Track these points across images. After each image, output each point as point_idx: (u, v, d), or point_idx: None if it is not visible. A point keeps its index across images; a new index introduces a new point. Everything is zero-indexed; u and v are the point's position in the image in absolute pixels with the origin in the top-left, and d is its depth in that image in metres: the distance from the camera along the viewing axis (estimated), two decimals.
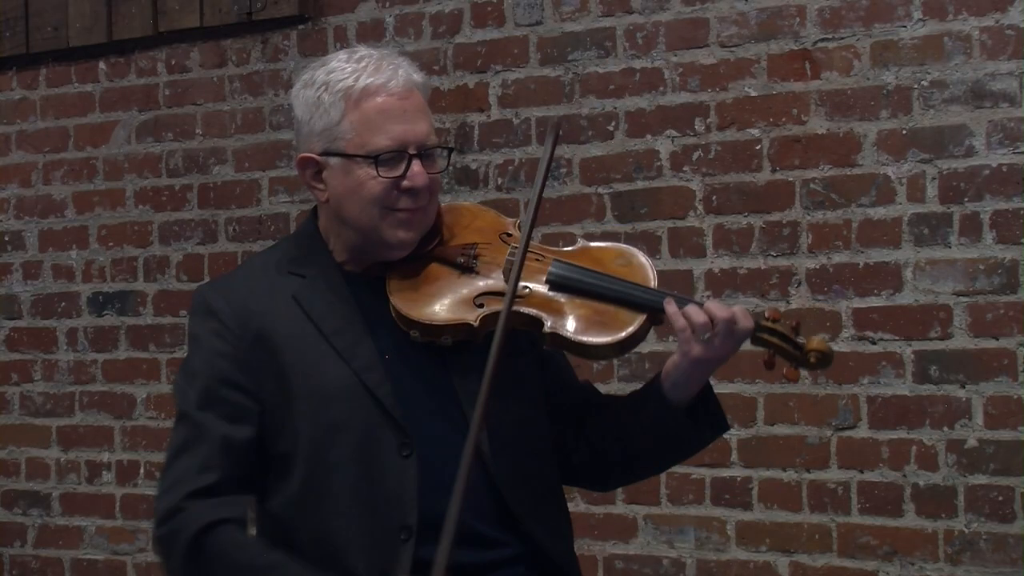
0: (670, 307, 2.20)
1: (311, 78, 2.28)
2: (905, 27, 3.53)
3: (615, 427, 2.34)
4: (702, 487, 3.73)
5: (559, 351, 2.28)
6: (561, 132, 2.53)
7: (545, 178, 2.21)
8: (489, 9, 4.05)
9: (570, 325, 2.20)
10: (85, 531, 4.68)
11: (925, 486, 3.49)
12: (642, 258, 2.31)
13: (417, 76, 2.28)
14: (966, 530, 3.45)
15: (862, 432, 3.55)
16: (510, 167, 3.99)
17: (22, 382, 4.80)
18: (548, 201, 3.89)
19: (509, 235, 2.31)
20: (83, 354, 4.69)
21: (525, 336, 2.23)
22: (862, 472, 3.56)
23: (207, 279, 4.45)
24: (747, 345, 2.27)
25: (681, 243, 3.77)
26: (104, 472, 4.64)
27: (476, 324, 2.20)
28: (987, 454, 3.42)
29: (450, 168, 2.29)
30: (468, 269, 2.26)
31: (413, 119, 2.24)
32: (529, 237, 2.19)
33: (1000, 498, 3.41)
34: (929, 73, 3.50)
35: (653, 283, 2.26)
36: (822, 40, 3.62)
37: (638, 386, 2.38)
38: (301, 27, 4.33)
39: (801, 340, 2.25)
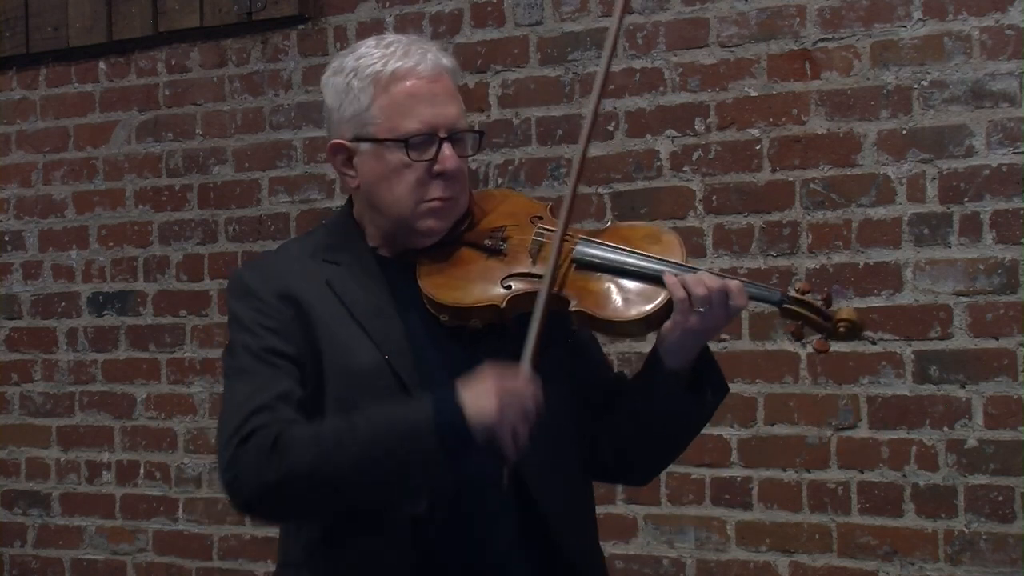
0: (668, 277, 2.19)
1: (340, 65, 2.27)
2: (905, 27, 3.53)
3: (626, 404, 2.34)
4: (702, 487, 3.73)
5: (588, 331, 2.28)
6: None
7: (580, 172, 2.26)
8: (489, 9, 4.05)
9: (596, 303, 2.20)
10: (85, 531, 4.68)
11: (925, 486, 3.49)
12: (671, 235, 2.30)
13: (446, 60, 2.27)
14: (966, 530, 3.45)
15: (862, 432, 3.55)
16: (510, 167, 3.99)
17: (22, 382, 4.80)
18: (547, 201, 3.89)
19: (540, 218, 2.31)
20: (83, 354, 4.69)
21: (558, 325, 2.22)
22: (862, 472, 3.56)
23: (207, 279, 4.46)
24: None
25: None
26: (104, 472, 4.64)
27: (503, 306, 2.20)
28: (987, 454, 3.43)
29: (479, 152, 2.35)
30: (496, 252, 2.26)
31: (443, 102, 2.23)
32: (566, 222, 2.20)
33: (1000, 498, 3.42)
34: (929, 73, 3.50)
35: (680, 258, 2.24)
36: (822, 40, 3.62)
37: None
38: (301, 27, 4.34)
39: (831, 310, 2.24)
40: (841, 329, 2.24)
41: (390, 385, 2.19)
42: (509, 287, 2.22)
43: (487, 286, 2.22)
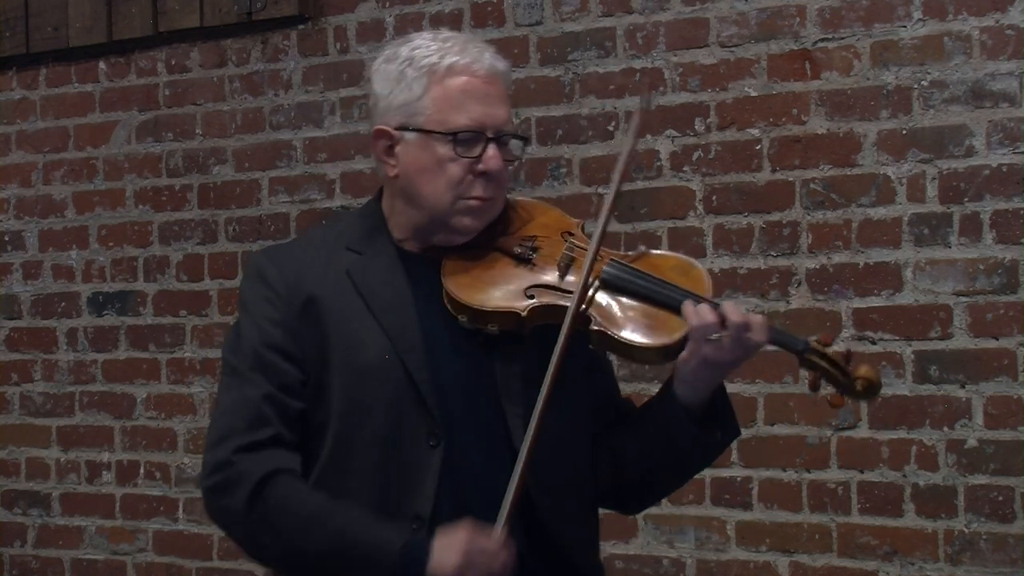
0: (687, 306, 2.18)
1: (393, 53, 2.27)
2: (905, 27, 3.53)
3: (630, 431, 2.32)
4: (702, 487, 3.73)
5: (605, 351, 2.27)
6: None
7: (620, 183, 2.24)
8: (489, 9, 4.05)
9: (618, 325, 2.19)
10: (85, 531, 4.68)
11: (925, 486, 3.49)
12: (699, 270, 2.29)
13: (501, 64, 2.29)
14: (966, 530, 3.45)
15: (862, 432, 3.55)
16: (510, 167, 3.97)
17: (22, 382, 4.80)
18: (548, 201, 3.89)
19: (571, 234, 2.31)
20: (83, 354, 4.69)
21: (576, 340, 2.20)
22: (862, 472, 3.56)
23: (207, 279, 4.46)
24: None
25: (681, 243, 3.77)
26: (104, 472, 4.64)
27: (524, 314, 2.19)
28: (987, 454, 3.43)
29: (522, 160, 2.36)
30: (524, 260, 2.26)
31: (494, 103, 2.25)
32: (600, 240, 2.19)
33: (1000, 498, 3.41)
34: (929, 73, 3.50)
35: (706, 293, 2.23)
36: (822, 40, 3.62)
37: (636, 383, 2.37)
38: (301, 27, 4.34)
39: (850, 367, 2.23)
40: (859, 386, 2.23)
41: (399, 381, 2.19)
42: (532, 297, 2.21)
43: (511, 293, 2.22)
